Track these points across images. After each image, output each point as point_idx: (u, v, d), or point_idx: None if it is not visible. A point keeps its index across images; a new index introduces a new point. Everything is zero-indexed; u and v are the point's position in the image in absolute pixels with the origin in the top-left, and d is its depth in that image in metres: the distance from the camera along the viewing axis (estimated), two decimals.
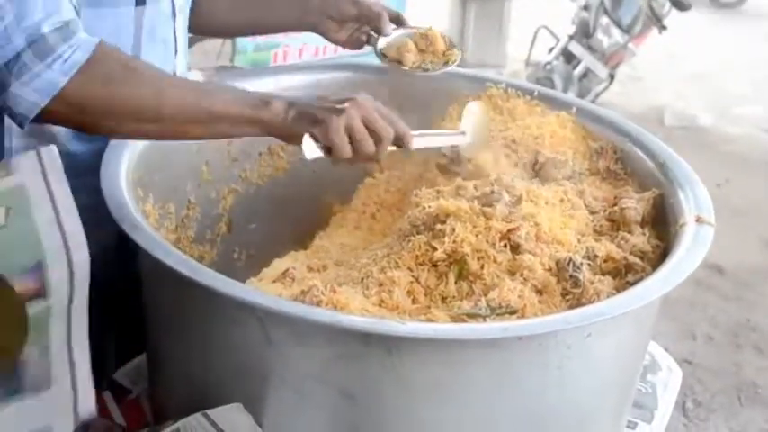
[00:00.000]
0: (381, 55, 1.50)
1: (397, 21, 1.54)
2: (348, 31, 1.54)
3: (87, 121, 1.15)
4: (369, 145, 1.17)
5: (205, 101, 1.15)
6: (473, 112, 1.46)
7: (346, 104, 1.16)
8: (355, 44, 1.56)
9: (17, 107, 1.11)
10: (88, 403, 0.92)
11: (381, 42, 1.50)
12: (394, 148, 1.22)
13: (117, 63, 1.15)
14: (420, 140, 1.29)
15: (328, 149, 1.17)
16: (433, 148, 1.44)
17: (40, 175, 0.91)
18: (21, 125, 1.14)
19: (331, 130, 1.15)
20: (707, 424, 2.95)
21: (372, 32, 1.54)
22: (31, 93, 1.10)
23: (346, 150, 1.16)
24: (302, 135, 1.15)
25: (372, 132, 1.18)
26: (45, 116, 1.12)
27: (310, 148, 1.16)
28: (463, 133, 1.44)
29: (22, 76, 1.09)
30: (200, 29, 1.60)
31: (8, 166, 0.91)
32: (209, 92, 1.18)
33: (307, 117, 1.16)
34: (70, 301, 0.92)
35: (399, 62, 1.49)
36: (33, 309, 0.89)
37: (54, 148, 0.94)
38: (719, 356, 3.30)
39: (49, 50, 1.09)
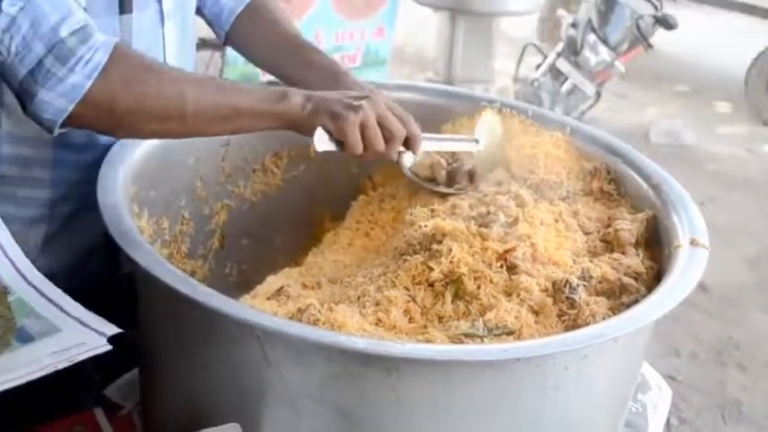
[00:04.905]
0: (413, 174, 1.44)
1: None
2: None
3: (114, 123, 1.16)
4: (380, 142, 1.21)
5: (229, 98, 1.17)
6: (488, 121, 1.46)
7: (363, 102, 1.19)
8: None
9: (45, 113, 1.12)
10: (105, 327, 0.97)
11: (408, 160, 1.35)
12: (402, 148, 1.25)
13: (136, 63, 1.16)
14: (429, 144, 1.31)
15: (340, 143, 1.19)
16: (443, 152, 1.44)
17: None
18: (50, 131, 1.14)
19: (347, 126, 1.17)
20: None
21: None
22: (58, 98, 1.10)
23: (359, 146, 1.19)
24: (316, 128, 1.18)
25: (385, 130, 1.21)
26: (73, 120, 1.13)
27: (322, 141, 1.18)
28: (476, 141, 1.45)
29: (47, 82, 1.10)
30: (231, 45, 1.59)
31: None
32: (230, 89, 1.19)
33: (323, 111, 1.18)
34: (35, 288, 1.03)
35: (432, 180, 1.44)
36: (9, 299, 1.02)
37: None
38: (703, 374, 3.31)
39: (69, 54, 1.10)
